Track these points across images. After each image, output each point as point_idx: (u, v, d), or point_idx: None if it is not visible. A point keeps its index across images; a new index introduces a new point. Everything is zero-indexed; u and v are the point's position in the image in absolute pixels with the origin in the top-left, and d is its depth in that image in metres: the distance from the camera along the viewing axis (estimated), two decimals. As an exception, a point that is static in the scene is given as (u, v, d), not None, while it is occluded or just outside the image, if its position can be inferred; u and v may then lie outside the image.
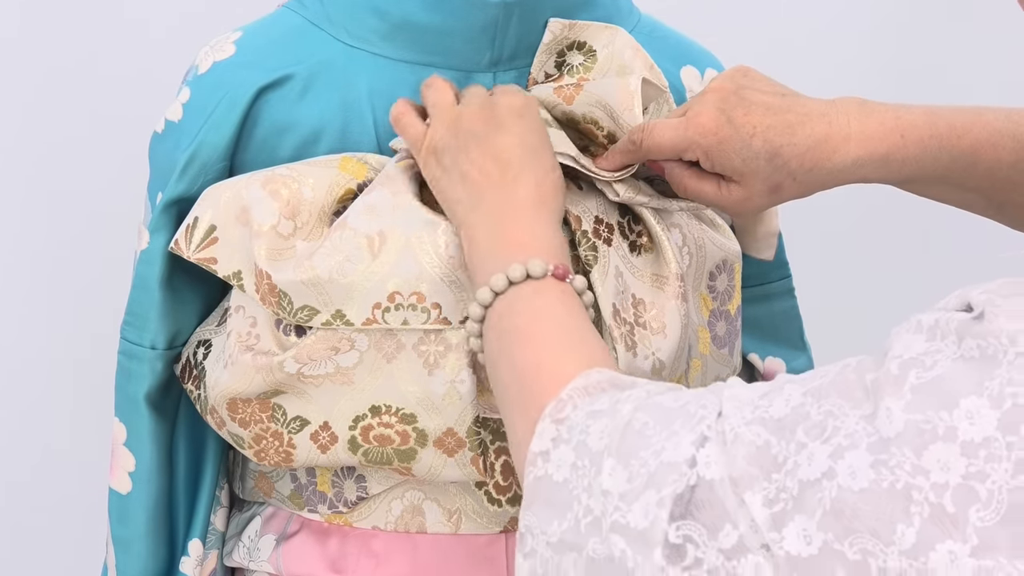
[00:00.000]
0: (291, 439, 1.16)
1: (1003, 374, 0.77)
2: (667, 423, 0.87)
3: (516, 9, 1.17)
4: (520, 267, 1.03)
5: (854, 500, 0.78)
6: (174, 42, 1.71)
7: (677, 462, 0.84)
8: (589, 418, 0.90)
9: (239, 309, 1.16)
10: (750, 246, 1.31)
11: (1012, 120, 1.15)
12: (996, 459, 0.75)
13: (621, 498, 0.85)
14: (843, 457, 0.79)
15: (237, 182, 1.16)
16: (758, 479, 0.81)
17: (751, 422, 0.83)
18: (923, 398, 0.78)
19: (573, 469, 0.88)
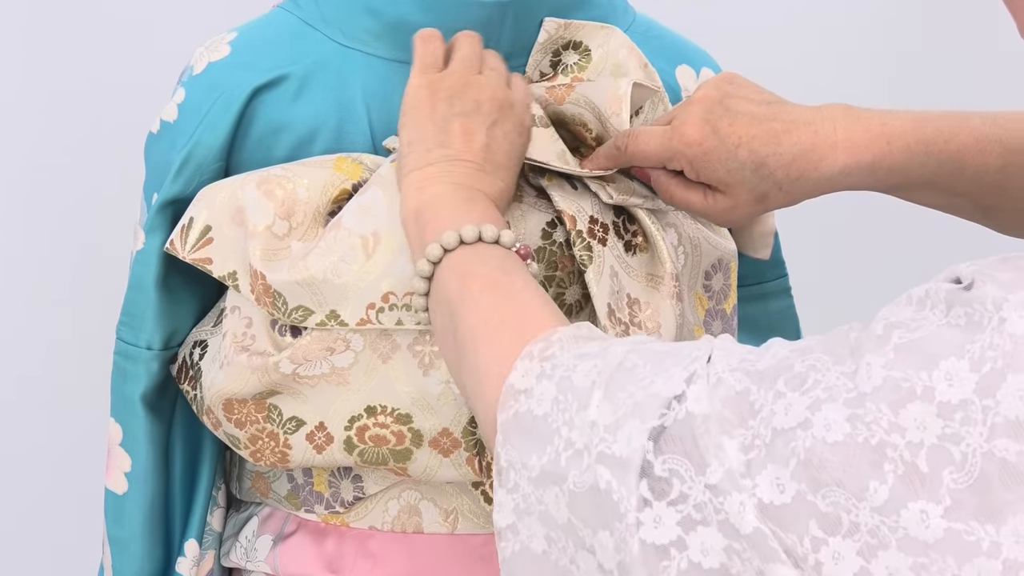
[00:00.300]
0: (287, 439, 1.16)
1: (985, 338, 0.77)
2: (658, 362, 0.86)
3: (511, 9, 1.17)
4: (494, 229, 1.03)
5: (827, 452, 0.78)
6: (170, 42, 1.71)
7: (665, 395, 0.84)
8: (577, 359, 0.89)
9: (235, 310, 1.16)
10: (746, 245, 1.31)
11: (998, 125, 1.15)
12: (971, 422, 0.75)
13: (606, 429, 0.85)
14: (820, 409, 0.79)
15: (232, 182, 1.16)
16: (734, 424, 0.81)
17: (735, 369, 0.83)
18: (904, 357, 0.78)
19: (555, 403, 0.88)
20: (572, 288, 1.17)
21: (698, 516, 0.81)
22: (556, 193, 1.16)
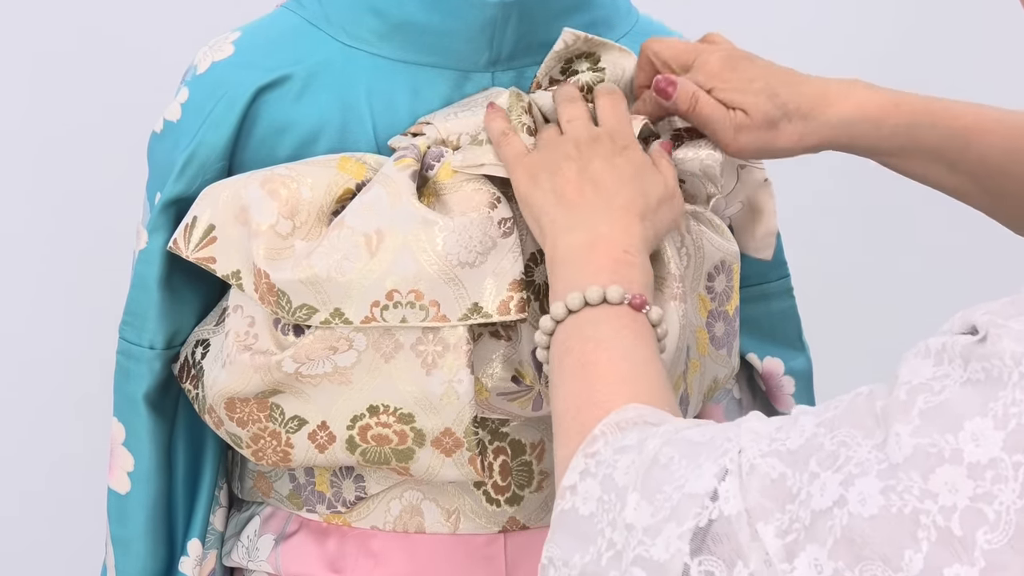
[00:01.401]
0: (289, 438, 1.16)
1: (1007, 395, 0.76)
2: (693, 457, 0.86)
3: (515, 9, 1.17)
4: (598, 290, 1.03)
5: (864, 527, 0.77)
6: (174, 42, 1.71)
7: (699, 494, 0.84)
8: (617, 453, 0.90)
9: (237, 308, 1.16)
10: (749, 246, 1.31)
11: (1012, 116, 1.19)
12: (1003, 480, 0.75)
13: (644, 532, 0.85)
14: (853, 484, 0.79)
15: (236, 181, 1.16)
16: (772, 511, 0.81)
17: (767, 454, 0.83)
18: (930, 422, 0.78)
19: (599, 503, 0.88)
20: (575, 288, 1.17)
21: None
22: (559, 194, 1.16)
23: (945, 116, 1.18)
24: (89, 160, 2.00)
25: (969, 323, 0.80)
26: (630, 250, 1.07)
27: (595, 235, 1.07)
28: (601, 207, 1.09)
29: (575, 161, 1.12)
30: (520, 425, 1.21)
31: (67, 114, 1.99)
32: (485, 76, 1.20)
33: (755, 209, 1.32)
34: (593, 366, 1.00)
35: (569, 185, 1.10)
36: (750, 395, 1.40)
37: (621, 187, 1.10)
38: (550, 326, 1.05)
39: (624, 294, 1.03)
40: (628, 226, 1.08)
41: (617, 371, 0.99)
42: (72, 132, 1.99)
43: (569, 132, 1.14)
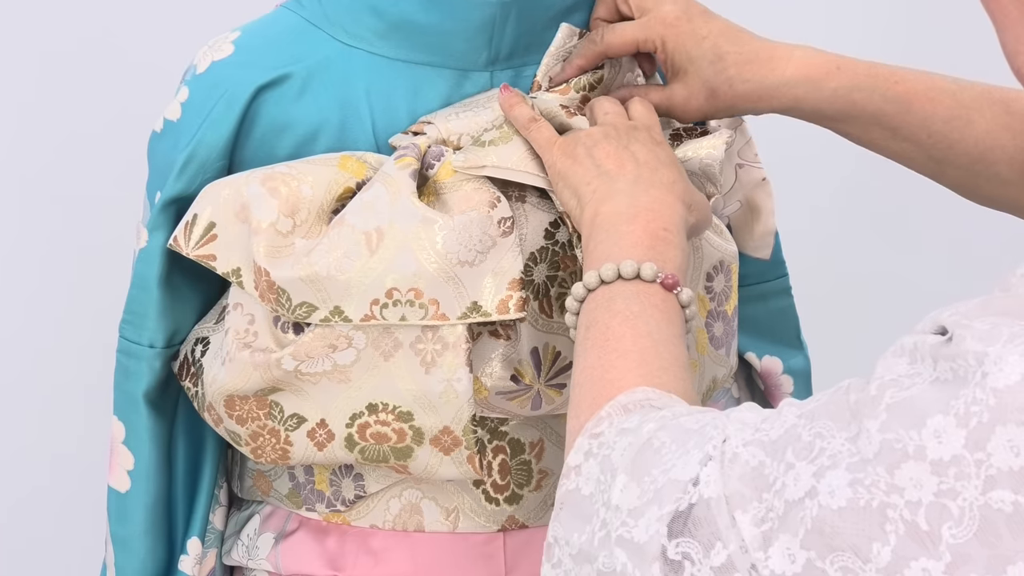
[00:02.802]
0: (288, 436, 1.16)
1: (968, 393, 0.77)
2: (683, 442, 0.87)
3: (513, 8, 1.17)
4: (633, 264, 1.03)
5: (833, 518, 0.78)
6: (173, 41, 1.71)
7: (682, 480, 0.85)
8: (618, 435, 0.90)
9: (237, 306, 1.16)
10: (747, 245, 1.31)
11: (957, 83, 1.20)
12: (965, 477, 0.76)
13: (629, 513, 0.85)
14: (824, 476, 0.80)
15: (236, 179, 1.16)
16: (750, 499, 0.82)
17: (749, 443, 0.84)
18: (895, 417, 0.79)
19: (597, 483, 0.89)
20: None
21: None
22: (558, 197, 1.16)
23: (887, 80, 1.19)
24: (90, 159, 2.00)
25: (939, 324, 0.81)
26: (670, 228, 1.07)
27: (637, 207, 1.07)
28: (644, 179, 1.09)
29: (614, 139, 1.12)
30: (519, 424, 1.21)
31: (67, 113, 1.99)
32: (484, 75, 1.20)
33: (753, 208, 1.32)
34: (617, 340, 0.99)
35: (610, 158, 1.11)
36: (748, 394, 1.40)
37: (662, 167, 1.11)
38: (582, 293, 1.04)
39: (658, 272, 1.03)
40: (671, 204, 1.08)
41: (637, 349, 0.99)
42: (72, 132, 1.99)
43: (605, 121, 1.15)
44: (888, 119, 1.19)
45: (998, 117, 1.19)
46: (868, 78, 1.19)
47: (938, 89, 1.19)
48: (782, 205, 1.37)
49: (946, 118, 1.19)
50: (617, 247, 1.05)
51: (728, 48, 1.19)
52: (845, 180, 2.13)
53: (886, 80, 1.19)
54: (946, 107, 1.19)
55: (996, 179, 1.20)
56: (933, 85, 1.19)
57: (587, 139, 1.13)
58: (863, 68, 1.19)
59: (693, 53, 1.18)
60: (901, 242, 2.22)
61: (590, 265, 1.05)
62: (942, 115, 1.19)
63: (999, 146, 1.19)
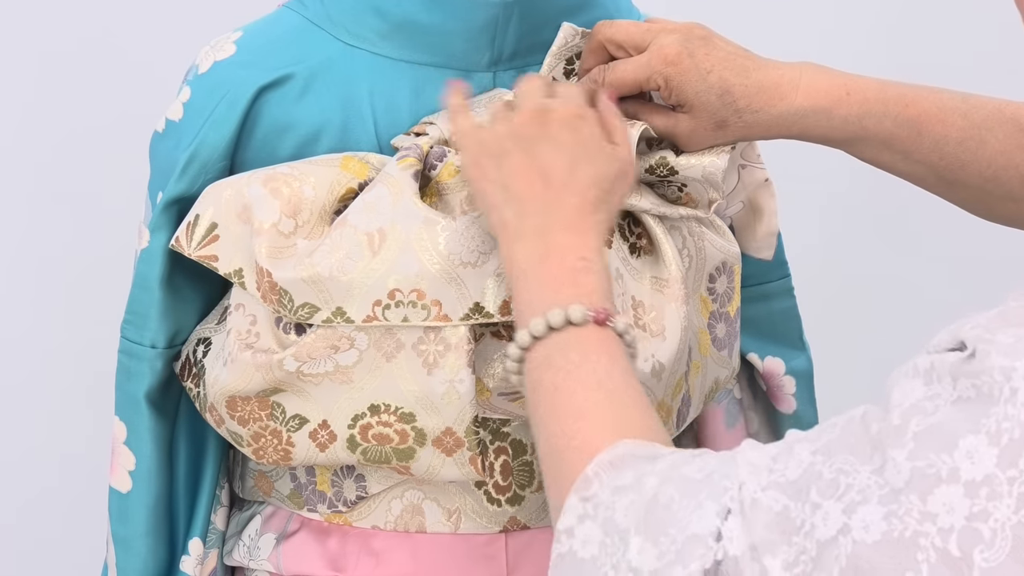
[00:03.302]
0: (290, 437, 1.16)
1: (999, 411, 0.76)
2: (693, 495, 0.86)
3: (516, 8, 1.17)
4: (560, 313, 1.01)
5: (869, 554, 0.77)
6: (175, 41, 1.71)
7: (703, 535, 0.83)
8: (615, 494, 0.89)
9: (239, 307, 1.16)
10: (749, 246, 1.31)
11: (967, 102, 1.19)
12: (997, 496, 0.75)
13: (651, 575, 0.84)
14: (856, 512, 0.79)
15: (238, 180, 1.16)
16: (778, 544, 0.81)
17: (767, 487, 0.83)
18: (924, 443, 0.78)
19: (602, 546, 0.87)
20: (576, 288, 1.17)
21: None
22: (560, 194, 1.16)
23: (897, 103, 1.17)
24: (91, 159, 2.00)
25: (957, 339, 0.80)
26: (586, 255, 1.05)
27: (548, 244, 1.05)
28: (552, 203, 1.07)
29: (524, 147, 1.09)
30: (521, 425, 1.21)
31: (69, 113, 1.99)
32: (487, 76, 1.20)
33: (756, 209, 1.32)
34: (568, 399, 0.98)
35: (517, 177, 1.08)
36: (751, 395, 1.40)
37: (572, 176, 1.08)
38: (517, 354, 1.03)
39: (586, 312, 1.01)
40: (582, 227, 1.06)
41: (592, 404, 0.97)
42: (74, 131, 1.99)
43: (520, 103, 1.13)
44: (900, 143, 1.18)
45: (1011, 136, 1.18)
46: (879, 103, 1.17)
47: (949, 110, 1.17)
48: (784, 206, 1.37)
49: (958, 139, 1.17)
50: (540, 295, 1.03)
51: (734, 80, 1.16)
52: (848, 181, 2.13)
53: (896, 104, 1.17)
54: (958, 128, 1.17)
55: (1008, 197, 1.19)
56: (944, 106, 1.18)
57: (496, 147, 1.10)
58: (873, 92, 1.17)
59: (699, 88, 1.16)
60: (904, 243, 2.22)
61: (519, 319, 1.03)
62: (954, 137, 1.17)
63: (1012, 165, 1.18)
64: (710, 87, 1.15)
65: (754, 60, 1.17)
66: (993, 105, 1.18)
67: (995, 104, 1.19)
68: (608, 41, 1.19)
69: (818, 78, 1.17)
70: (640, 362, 1.14)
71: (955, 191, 1.20)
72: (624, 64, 1.17)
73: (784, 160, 1.22)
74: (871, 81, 1.18)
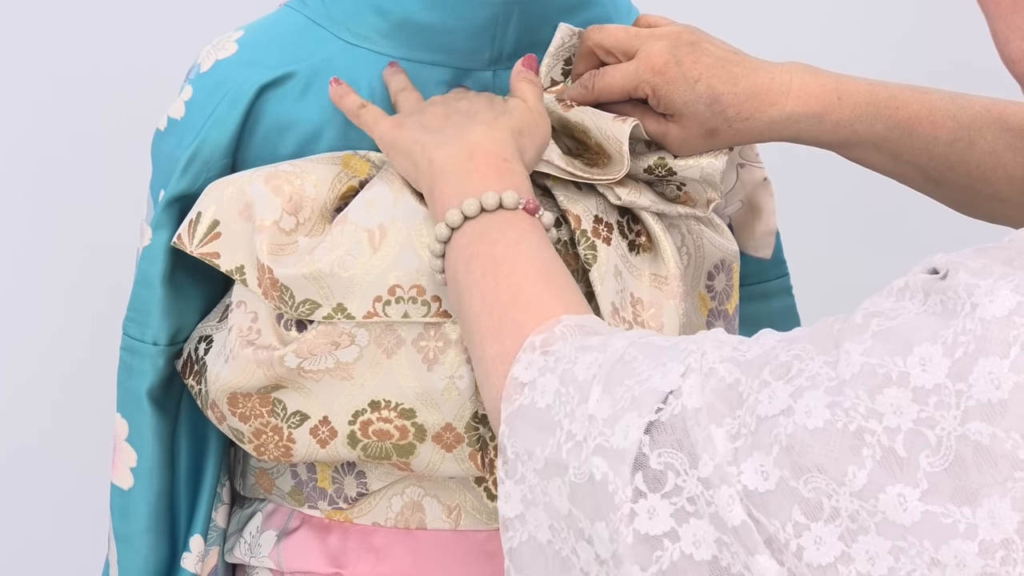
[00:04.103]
0: (291, 434, 1.17)
1: (958, 324, 0.77)
2: (656, 356, 0.88)
3: (516, 7, 1.18)
4: (494, 195, 1.04)
5: (808, 439, 0.79)
6: (177, 40, 1.72)
7: (661, 389, 0.85)
8: (578, 351, 0.91)
9: (240, 304, 1.16)
10: (748, 244, 1.32)
11: (956, 103, 1.19)
12: (945, 406, 0.76)
13: (605, 422, 0.86)
14: (802, 396, 0.80)
15: (240, 177, 1.16)
16: (723, 414, 0.82)
17: (726, 360, 0.85)
18: (881, 343, 0.79)
19: (556, 396, 0.89)
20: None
21: (691, 508, 0.82)
22: (560, 193, 1.17)
23: (888, 106, 1.17)
24: (93, 157, 2.00)
25: (930, 266, 0.82)
26: (508, 157, 1.08)
27: (470, 144, 1.08)
28: (468, 122, 1.10)
29: (440, 104, 1.13)
30: (521, 422, 1.21)
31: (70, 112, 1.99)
32: (487, 74, 1.21)
33: (754, 208, 1.32)
34: (510, 263, 1.00)
35: (435, 118, 1.11)
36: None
37: (484, 110, 1.12)
38: (445, 233, 1.05)
39: (519, 199, 1.04)
40: (500, 137, 1.09)
41: (536, 273, 1.00)
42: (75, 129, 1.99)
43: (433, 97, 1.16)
44: (890, 145, 1.18)
45: (999, 137, 1.18)
46: (870, 107, 1.17)
47: (938, 111, 1.18)
48: (783, 205, 1.37)
49: (948, 141, 1.18)
50: (467, 184, 1.06)
51: (723, 89, 1.15)
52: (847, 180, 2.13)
53: (887, 106, 1.17)
54: (948, 130, 1.18)
55: (995, 197, 1.20)
56: (933, 107, 1.18)
57: (415, 110, 1.13)
58: (863, 95, 1.17)
59: (687, 97, 1.15)
60: (902, 242, 2.22)
61: (446, 205, 1.06)
62: (944, 138, 1.18)
63: (1000, 165, 1.18)
64: (698, 96, 1.15)
65: (743, 64, 1.17)
66: (981, 105, 1.19)
67: (983, 104, 1.19)
68: (597, 47, 1.19)
69: (809, 82, 1.17)
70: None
71: (942, 191, 1.21)
72: (612, 71, 1.17)
73: (783, 159, 1.23)
74: (861, 83, 1.18)
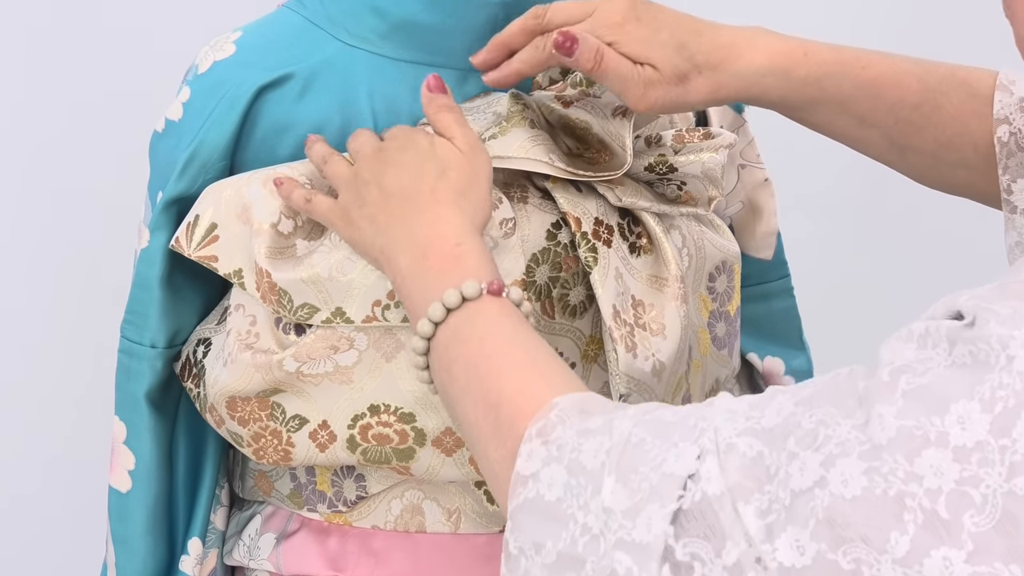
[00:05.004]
0: (290, 437, 1.16)
1: (994, 378, 0.75)
2: (666, 436, 0.85)
3: (515, 8, 1.17)
4: (454, 292, 1.01)
5: (846, 508, 0.77)
6: (175, 41, 1.71)
7: (679, 475, 0.82)
8: (581, 436, 0.88)
9: (239, 307, 1.16)
10: (749, 245, 1.31)
11: (920, 65, 1.17)
12: (989, 463, 0.74)
13: (624, 515, 0.83)
14: (835, 465, 0.78)
15: (238, 180, 1.16)
16: (751, 491, 0.80)
17: (742, 432, 0.82)
18: (914, 403, 0.77)
19: (567, 488, 0.86)
20: (577, 289, 1.17)
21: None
22: (561, 195, 1.16)
23: (855, 65, 1.16)
24: (91, 159, 2.00)
25: (954, 309, 0.80)
26: (460, 239, 1.05)
27: (422, 244, 1.05)
28: (412, 211, 1.07)
29: (371, 184, 1.10)
30: (521, 425, 1.21)
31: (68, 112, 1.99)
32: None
33: (755, 209, 1.32)
34: (487, 360, 0.97)
35: (376, 209, 1.09)
36: (751, 395, 1.40)
37: (421, 181, 1.08)
38: (422, 345, 1.02)
39: (479, 285, 1.01)
40: (447, 217, 1.06)
41: (516, 363, 0.97)
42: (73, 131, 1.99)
43: (357, 159, 1.13)
44: (856, 105, 1.16)
45: (965, 101, 1.16)
46: (836, 64, 1.15)
47: (904, 72, 1.16)
48: (784, 205, 1.37)
49: (914, 104, 1.16)
50: (428, 288, 1.03)
51: (687, 38, 1.13)
52: (848, 181, 2.13)
53: (854, 65, 1.16)
54: (914, 92, 1.16)
55: (960, 164, 1.18)
56: (899, 69, 1.16)
57: (355, 199, 1.10)
58: (830, 54, 1.16)
59: (651, 42, 1.13)
60: (904, 243, 2.22)
61: (416, 315, 1.03)
62: (910, 101, 1.16)
63: (967, 131, 1.16)
64: (664, 42, 1.13)
65: (704, 22, 1.15)
66: (946, 68, 1.17)
67: (947, 68, 1.18)
68: (549, 25, 1.15)
69: (773, 39, 1.16)
70: (640, 360, 1.14)
71: (907, 158, 1.19)
72: (567, 15, 1.14)
73: (784, 160, 1.22)
74: (825, 44, 1.17)
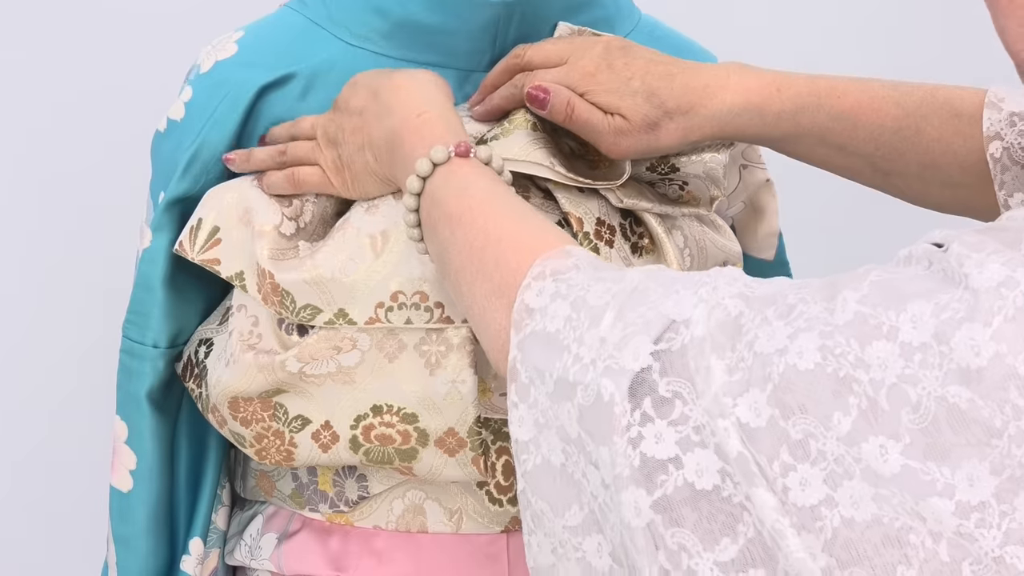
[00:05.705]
0: (292, 438, 1.16)
1: (957, 293, 0.78)
2: (669, 285, 0.88)
3: (517, 9, 1.17)
4: (424, 160, 1.05)
5: (799, 379, 0.79)
6: (177, 41, 1.71)
7: (673, 317, 0.85)
8: (593, 280, 0.91)
9: (241, 308, 1.16)
10: (751, 246, 1.31)
11: (898, 90, 1.17)
12: (929, 366, 0.77)
13: (615, 346, 0.86)
14: (797, 337, 0.80)
15: (241, 183, 1.16)
16: (724, 347, 0.83)
17: (735, 295, 0.85)
18: (877, 293, 0.80)
19: (567, 321, 0.90)
20: (578, 288, 1.17)
21: (696, 438, 0.82)
22: (562, 196, 1.16)
23: (830, 96, 1.16)
24: (93, 159, 2.00)
25: (934, 240, 0.83)
26: (421, 110, 1.09)
27: (395, 128, 1.10)
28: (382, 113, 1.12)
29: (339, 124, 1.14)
30: (522, 425, 1.21)
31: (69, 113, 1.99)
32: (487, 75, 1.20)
33: (757, 209, 1.32)
34: (472, 210, 1.02)
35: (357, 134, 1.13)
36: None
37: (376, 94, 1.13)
38: (412, 218, 1.07)
39: (446, 149, 1.06)
40: (402, 98, 1.11)
41: (494, 207, 1.01)
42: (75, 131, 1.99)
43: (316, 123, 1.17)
44: (835, 136, 1.16)
45: (946, 122, 1.16)
46: (811, 96, 1.16)
47: (881, 99, 1.16)
48: (785, 206, 1.37)
49: (894, 129, 1.16)
50: (406, 164, 1.08)
51: (658, 84, 1.14)
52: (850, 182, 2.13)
53: (828, 96, 1.16)
54: (893, 118, 1.16)
55: (945, 183, 1.18)
56: (875, 95, 1.16)
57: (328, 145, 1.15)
58: (803, 85, 1.16)
59: (623, 92, 1.14)
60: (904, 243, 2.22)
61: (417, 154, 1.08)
62: (890, 126, 1.16)
63: (950, 151, 1.16)
64: (635, 91, 1.14)
65: (677, 65, 1.16)
66: (924, 91, 1.17)
67: (926, 89, 1.18)
68: (527, 65, 1.18)
69: (746, 76, 1.16)
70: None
71: (891, 181, 1.20)
72: (544, 74, 1.16)
73: (786, 160, 1.22)
74: (799, 76, 1.17)
